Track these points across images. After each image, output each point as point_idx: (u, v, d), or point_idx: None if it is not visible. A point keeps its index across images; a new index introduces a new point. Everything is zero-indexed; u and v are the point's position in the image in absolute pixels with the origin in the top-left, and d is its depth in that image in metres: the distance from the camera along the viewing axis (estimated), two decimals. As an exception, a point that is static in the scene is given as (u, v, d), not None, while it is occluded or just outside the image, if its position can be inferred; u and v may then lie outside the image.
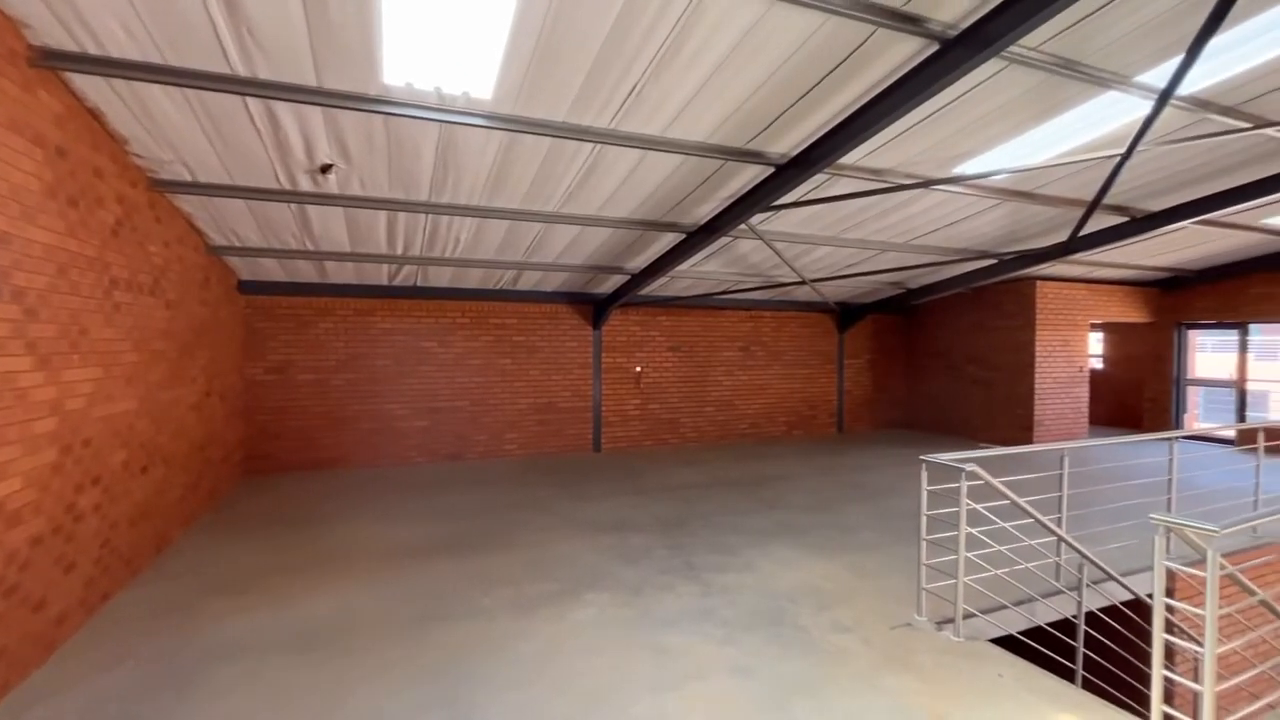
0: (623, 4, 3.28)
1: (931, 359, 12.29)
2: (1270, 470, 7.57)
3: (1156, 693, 2.76)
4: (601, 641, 3.76)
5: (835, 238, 7.62)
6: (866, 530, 5.93)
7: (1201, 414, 18.03)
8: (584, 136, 4.54)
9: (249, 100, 4.00)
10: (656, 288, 9.46)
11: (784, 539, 5.66)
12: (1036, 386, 10.43)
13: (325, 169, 4.88)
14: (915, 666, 3.48)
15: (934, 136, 5.10)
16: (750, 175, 5.49)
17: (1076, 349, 10.91)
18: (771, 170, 5.35)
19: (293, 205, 5.77)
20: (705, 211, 6.35)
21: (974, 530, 3.88)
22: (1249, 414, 11.62)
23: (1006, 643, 3.99)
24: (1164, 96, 3.97)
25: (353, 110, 4.09)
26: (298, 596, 4.36)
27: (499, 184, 5.44)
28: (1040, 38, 3.87)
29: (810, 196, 6.00)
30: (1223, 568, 2.58)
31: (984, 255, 8.79)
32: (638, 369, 10.35)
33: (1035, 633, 4.27)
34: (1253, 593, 2.76)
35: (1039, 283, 10.49)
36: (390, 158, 4.87)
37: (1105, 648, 4.57)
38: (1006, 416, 10.81)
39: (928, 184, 5.53)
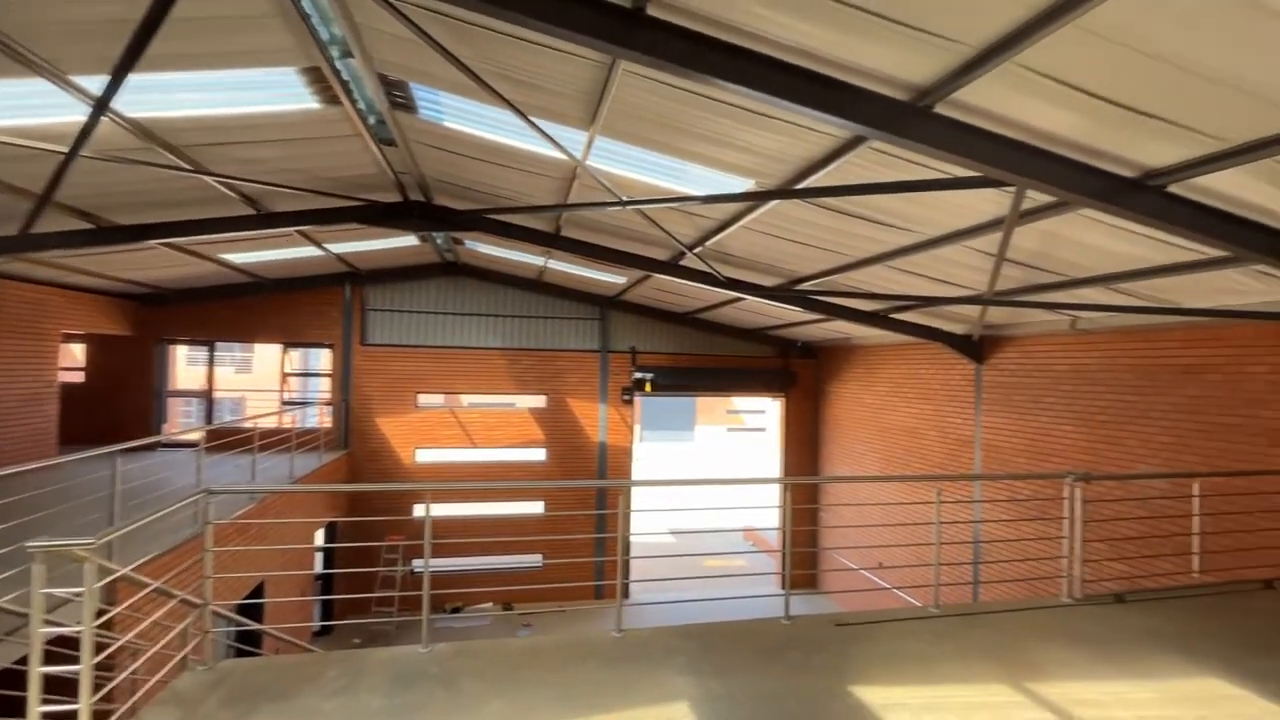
0: None
1: None
2: (216, 465, 8.87)
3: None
4: None
5: None
6: None
7: (195, 419, 19.73)
8: None
9: None
10: None
11: None
12: (-11, 405, 8.53)
13: None
14: None
15: None
16: None
17: (48, 361, 9.65)
18: None
19: None
20: None
21: None
22: (219, 417, 13.55)
23: None
24: (100, 106, 3.96)
25: None
26: None
27: None
28: (-66, -31, 3.10)
29: None
30: (113, 573, 2.70)
31: (-107, 229, 6.42)
32: None
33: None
34: (148, 583, 3.05)
35: (-3, 280, 8.65)
36: None
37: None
38: (-61, 446, 8.30)
39: None
